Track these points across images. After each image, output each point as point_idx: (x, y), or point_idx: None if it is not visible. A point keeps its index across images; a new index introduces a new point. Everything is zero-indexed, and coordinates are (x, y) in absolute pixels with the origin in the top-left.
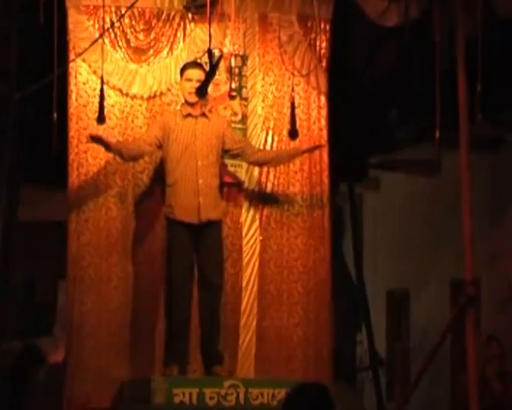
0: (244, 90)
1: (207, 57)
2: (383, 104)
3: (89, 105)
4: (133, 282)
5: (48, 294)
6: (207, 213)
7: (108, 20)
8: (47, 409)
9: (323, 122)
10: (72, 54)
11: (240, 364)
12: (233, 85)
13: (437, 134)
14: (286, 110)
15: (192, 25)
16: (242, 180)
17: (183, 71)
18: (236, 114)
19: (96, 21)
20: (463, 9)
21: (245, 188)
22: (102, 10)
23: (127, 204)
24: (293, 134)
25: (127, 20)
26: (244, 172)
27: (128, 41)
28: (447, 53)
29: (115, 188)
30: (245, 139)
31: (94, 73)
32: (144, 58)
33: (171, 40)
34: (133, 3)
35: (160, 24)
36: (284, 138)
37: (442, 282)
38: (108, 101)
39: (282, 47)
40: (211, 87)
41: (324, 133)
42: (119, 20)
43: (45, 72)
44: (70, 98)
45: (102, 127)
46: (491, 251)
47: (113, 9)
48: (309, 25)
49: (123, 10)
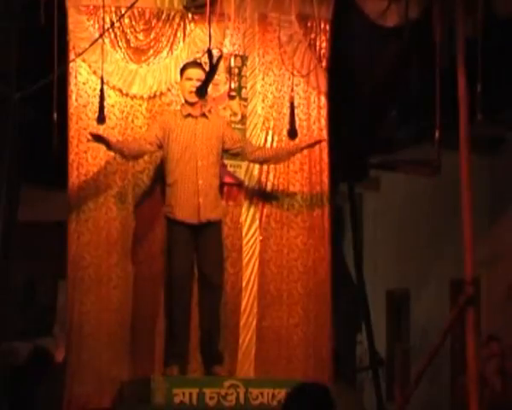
0: (244, 90)
1: (207, 57)
2: (383, 104)
3: (89, 105)
4: (133, 282)
5: (48, 294)
6: (207, 213)
7: (108, 20)
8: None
9: (323, 122)
10: (72, 54)
11: (240, 364)
12: (232, 85)
13: (437, 134)
14: (286, 110)
15: (192, 25)
16: (242, 180)
17: (183, 70)
18: (236, 115)
19: (96, 21)
20: (463, 9)
21: (245, 188)
22: (102, 10)
23: (127, 204)
24: (292, 134)
25: (127, 20)
26: (244, 172)
27: (128, 41)
28: (447, 53)
29: (115, 188)
30: (244, 138)
31: (94, 73)
32: (144, 58)
33: (171, 40)
34: (133, 3)
35: (160, 24)
36: (284, 138)
37: (442, 282)
38: (108, 101)
39: (282, 47)
40: (210, 87)
41: (324, 133)
42: (119, 20)
43: (45, 72)
44: (70, 98)
45: (102, 127)
46: (491, 251)
47: (113, 9)
48: (309, 25)
49: (123, 10)
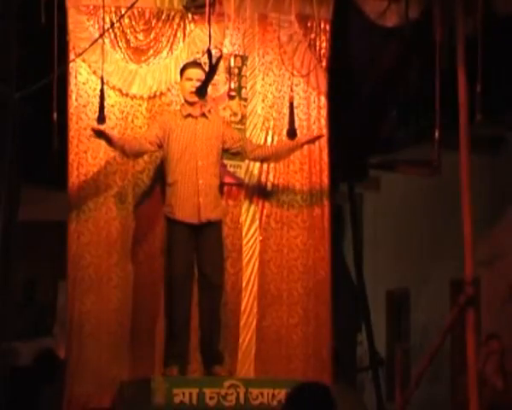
0: (244, 90)
1: (207, 57)
2: (383, 104)
3: (89, 105)
4: (133, 282)
5: (48, 294)
6: (207, 213)
7: (108, 20)
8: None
9: (323, 122)
10: (72, 54)
11: (240, 364)
12: (232, 85)
13: (436, 134)
14: (285, 110)
15: (192, 25)
16: (242, 180)
17: (183, 71)
18: (236, 115)
19: (96, 21)
20: (463, 9)
21: (245, 188)
22: (102, 10)
23: (127, 204)
24: (291, 134)
25: (127, 21)
26: (244, 172)
27: (128, 41)
28: (447, 53)
29: (115, 188)
30: (244, 137)
31: (94, 73)
32: (144, 58)
33: (170, 40)
34: (133, 3)
35: (160, 24)
36: (284, 138)
37: (442, 282)
38: (108, 101)
39: (282, 47)
40: (210, 88)
41: (324, 133)
42: (119, 21)
43: (45, 72)
44: (70, 98)
45: (102, 127)
46: (491, 251)
47: (113, 9)
48: (309, 25)
49: (123, 10)
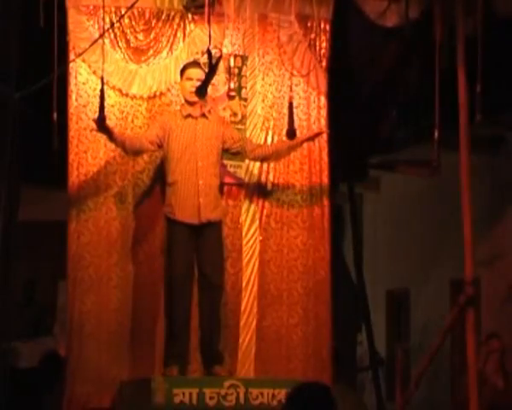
0: (244, 90)
1: (207, 57)
2: (383, 104)
3: (89, 105)
4: (133, 282)
5: (48, 294)
6: (207, 213)
7: (108, 21)
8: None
9: (323, 122)
10: (72, 54)
11: (240, 364)
12: (232, 85)
13: (436, 134)
14: (285, 110)
15: (192, 25)
16: (242, 180)
17: (184, 71)
18: (236, 115)
19: (96, 21)
20: (463, 9)
21: (245, 188)
22: (102, 10)
23: (127, 204)
24: (290, 134)
25: (127, 21)
26: (244, 172)
27: (128, 41)
28: (447, 53)
29: (115, 188)
30: (244, 136)
31: (94, 73)
32: (144, 58)
33: (170, 40)
34: (133, 4)
35: (160, 24)
36: (284, 138)
37: (442, 282)
38: (108, 101)
39: (282, 47)
40: (210, 88)
41: (324, 131)
42: (119, 21)
43: (45, 72)
44: (70, 98)
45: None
46: (491, 251)
47: (113, 9)
48: (309, 25)
49: (123, 10)
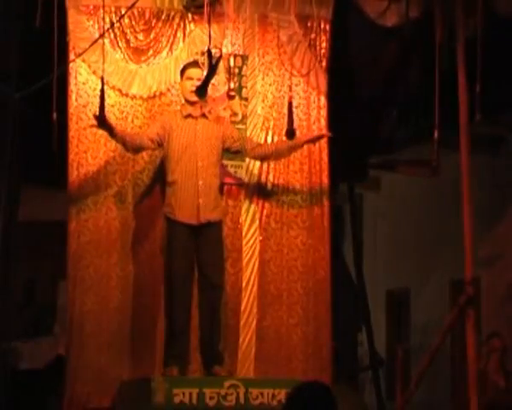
0: (244, 90)
1: (207, 57)
2: (383, 104)
3: (89, 105)
4: (133, 281)
5: (48, 294)
6: (207, 213)
7: (108, 20)
8: None
9: (323, 122)
10: (72, 54)
11: (240, 364)
12: (232, 85)
13: (435, 134)
14: (285, 110)
15: (192, 25)
16: (242, 180)
17: (184, 71)
18: (236, 114)
19: (96, 21)
20: (463, 10)
21: (245, 188)
22: (102, 10)
23: (127, 204)
24: (290, 134)
25: (127, 21)
26: (244, 172)
27: (128, 41)
28: (447, 53)
29: (115, 188)
30: (244, 135)
31: (94, 73)
32: (144, 58)
33: (170, 40)
34: (133, 4)
35: (160, 24)
36: (284, 138)
37: (442, 282)
38: (108, 101)
39: (282, 47)
40: (210, 88)
41: (326, 134)
42: (119, 21)
43: (45, 72)
44: (70, 98)
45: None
46: (491, 251)
47: (113, 9)
48: (309, 25)
49: (123, 10)
